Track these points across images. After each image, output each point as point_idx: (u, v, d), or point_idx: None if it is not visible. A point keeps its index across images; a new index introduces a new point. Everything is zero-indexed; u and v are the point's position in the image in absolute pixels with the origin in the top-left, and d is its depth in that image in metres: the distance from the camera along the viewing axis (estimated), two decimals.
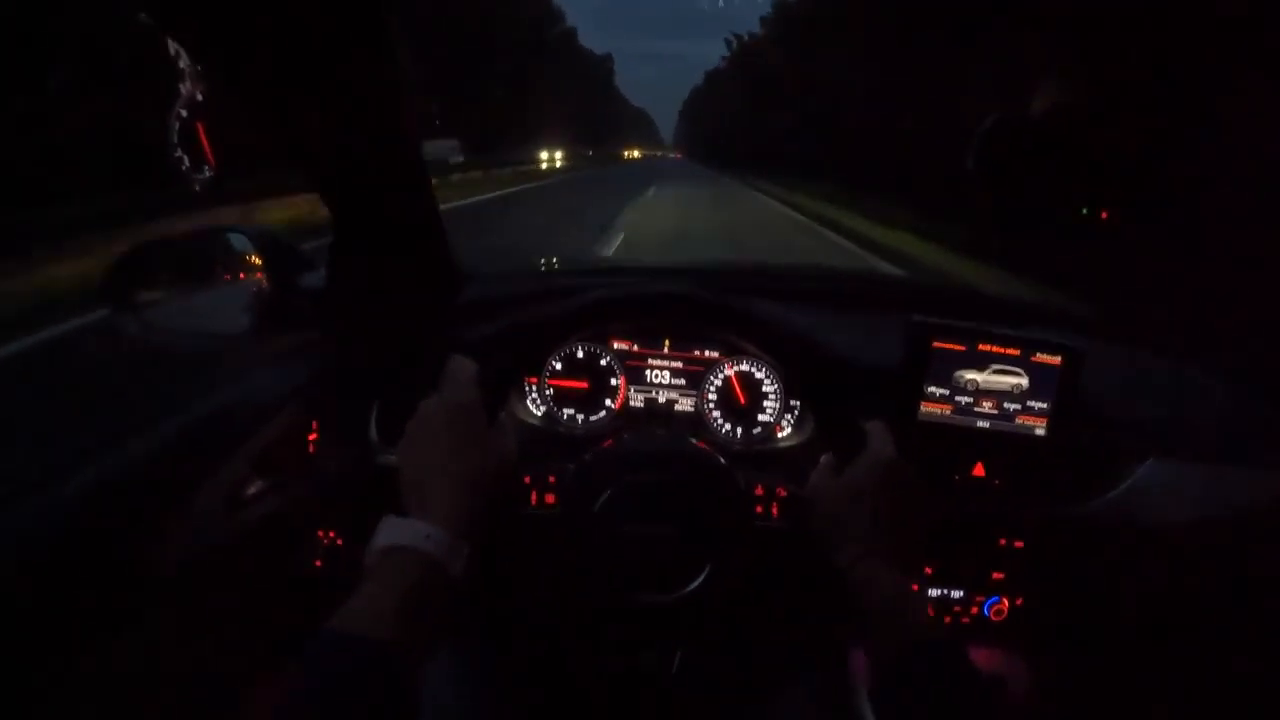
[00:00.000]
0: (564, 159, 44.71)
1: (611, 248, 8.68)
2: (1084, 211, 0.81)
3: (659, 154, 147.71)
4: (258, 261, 0.96)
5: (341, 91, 0.75)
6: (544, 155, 40.48)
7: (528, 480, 0.81)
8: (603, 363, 0.98)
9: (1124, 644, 0.98)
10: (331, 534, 0.93)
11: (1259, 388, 1.02)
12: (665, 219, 12.43)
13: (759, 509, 0.82)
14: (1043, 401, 0.88)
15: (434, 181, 0.94)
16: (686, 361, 0.99)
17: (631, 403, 1.00)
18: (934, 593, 0.95)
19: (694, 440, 0.82)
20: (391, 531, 0.57)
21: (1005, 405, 0.89)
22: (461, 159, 28.59)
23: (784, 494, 0.82)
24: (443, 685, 0.86)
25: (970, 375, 0.88)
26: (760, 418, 0.99)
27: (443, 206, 0.98)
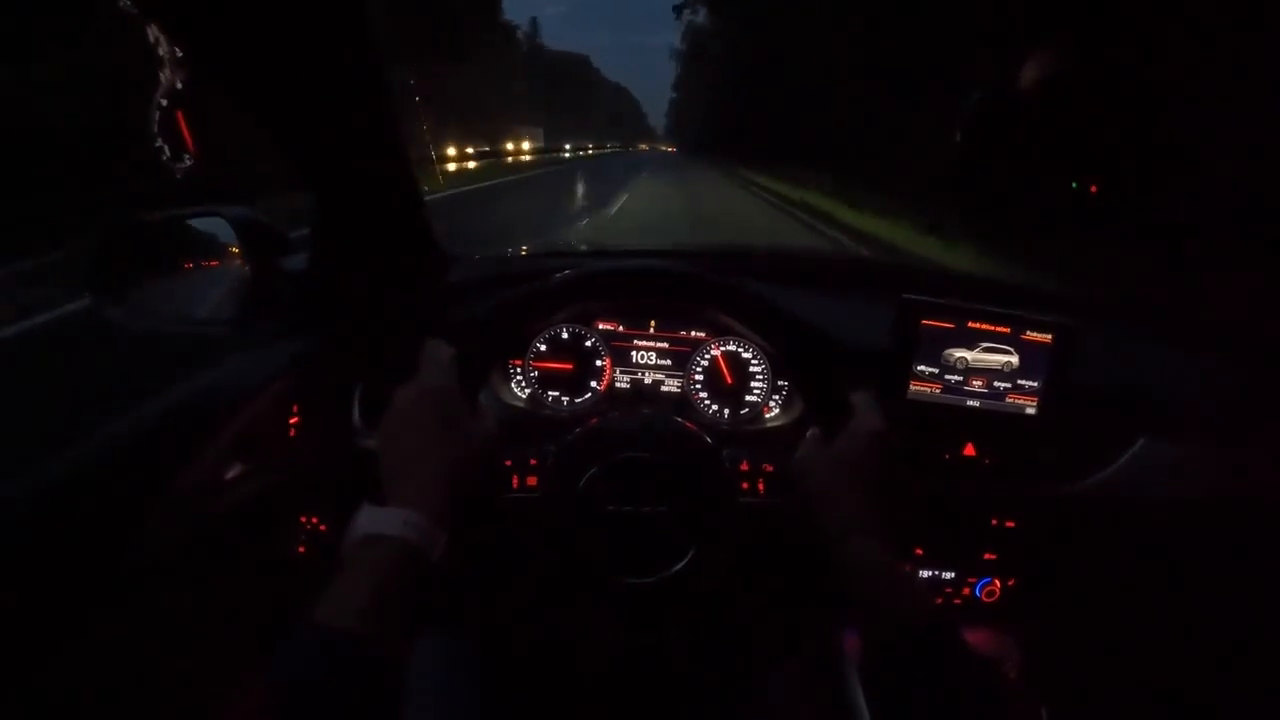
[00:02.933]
0: None
1: None
2: (1073, 185, 0.81)
3: (645, 147, 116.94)
4: (238, 247, 0.95)
5: (323, 77, 0.74)
6: None
7: (509, 464, 0.80)
8: (587, 344, 0.97)
9: (1116, 624, 0.97)
10: (314, 519, 0.92)
11: (1251, 367, 1.01)
12: None
13: (745, 485, 0.81)
14: (1033, 380, 0.87)
15: None
16: (672, 342, 0.98)
17: (617, 384, 0.99)
18: (925, 574, 0.95)
19: (678, 419, 0.81)
20: (369, 519, 0.56)
21: (995, 384, 0.88)
22: None
23: (770, 469, 0.81)
24: (429, 672, 0.85)
25: (960, 353, 0.87)
26: (748, 398, 0.98)
27: None
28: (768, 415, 0.98)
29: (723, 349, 0.97)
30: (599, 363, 0.98)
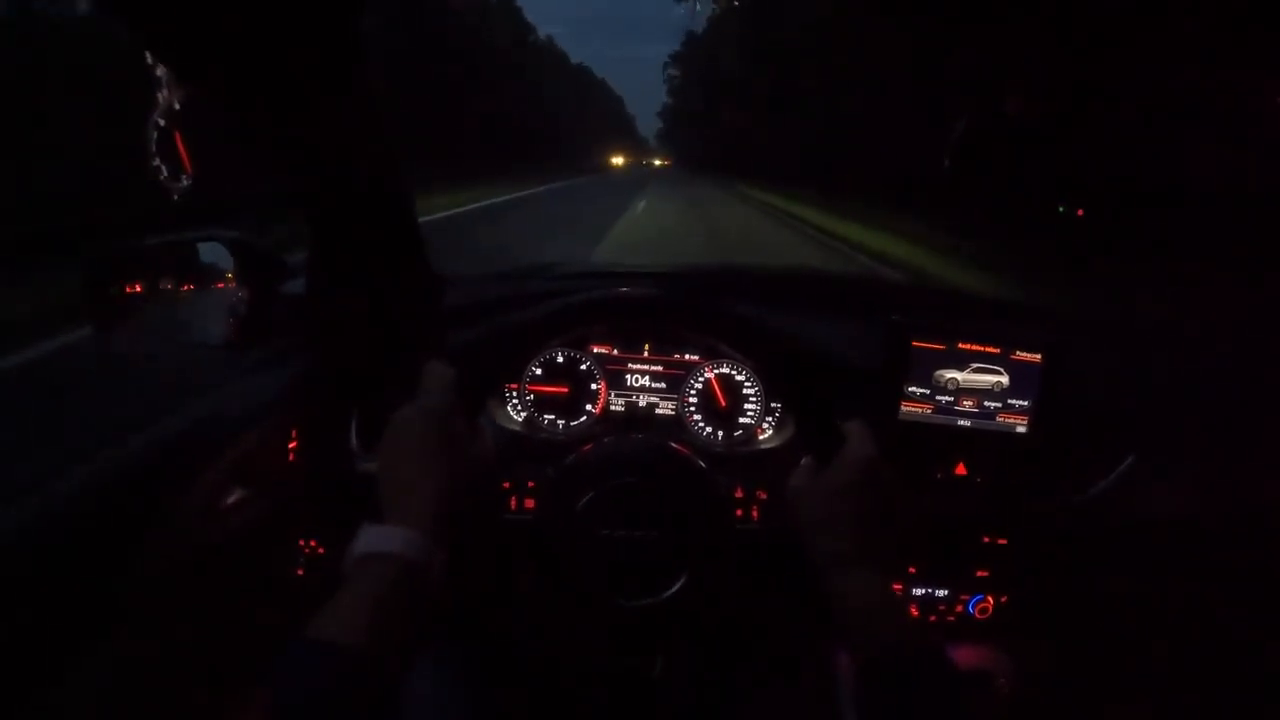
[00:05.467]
0: None
1: None
2: (1060, 209, 0.82)
3: (644, 161, 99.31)
4: (235, 272, 0.96)
5: (316, 103, 0.75)
6: None
7: (506, 486, 0.81)
8: (583, 367, 0.98)
9: (1108, 640, 0.98)
10: (313, 542, 0.92)
11: (1238, 385, 1.02)
12: None
13: (739, 512, 0.82)
14: (1024, 399, 0.89)
15: None
16: (667, 365, 0.99)
17: (612, 407, 1.00)
18: (918, 591, 0.95)
19: (673, 443, 0.82)
20: (369, 538, 0.57)
21: (986, 403, 0.89)
22: None
23: (764, 496, 0.82)
24: (424, 692, 0.86)
25: (950, 374, 0.88)
26: (741, 420, 0.99)
27: None
28: (761, 437, 0.99)
29: (716, 371, 0.98)
30: (594, 386, 0.99)
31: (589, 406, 0.99)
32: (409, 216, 0.97)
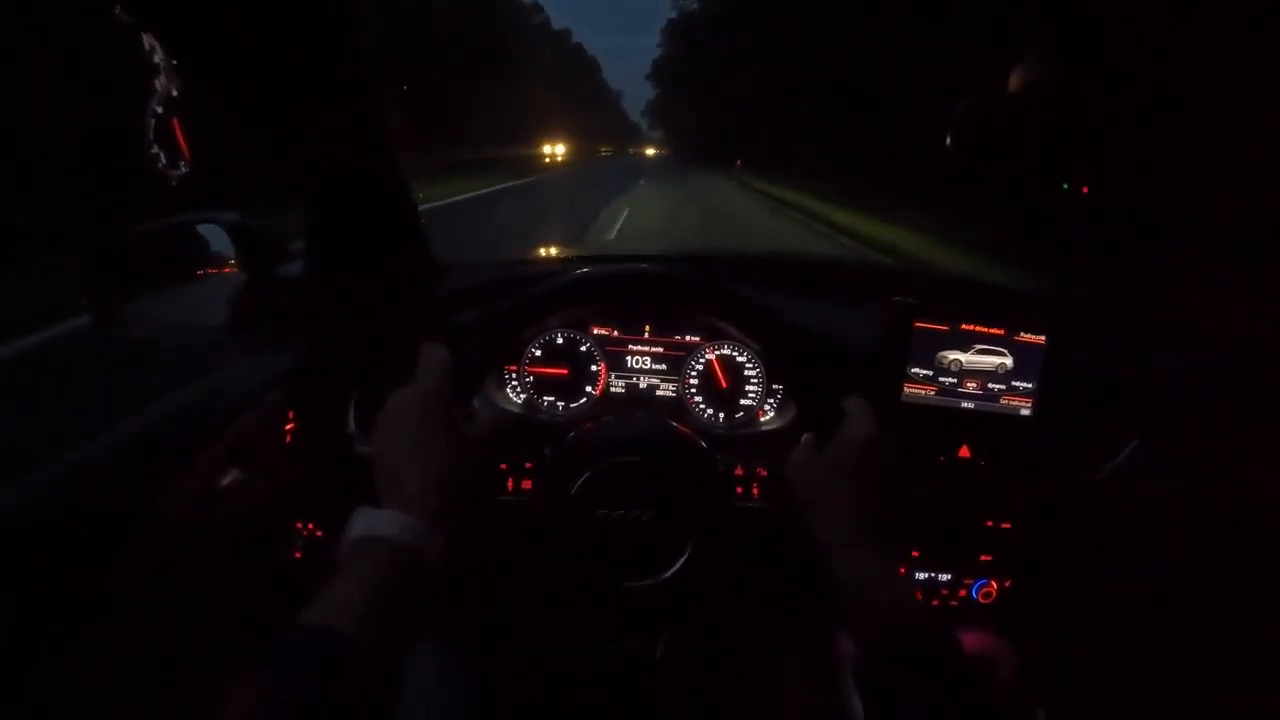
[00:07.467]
0: None
1: None
2: (1064, 187, 0.81)
3: (631, 150, 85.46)
4: (233, 255, 0.95)
5: (313, 88, 0.75)
6: None
7: (504, 467, 0.81)
8: (583, 349, 0.98)
9: (1111, 624, 0.97)
10: (310, 525, 0.92)
11: (1244, 368, 1.01)
12: None
13: (739, 490, 0.81)
14: (1027, 381, 0.88)
15: None
16: (667, 346, 0.99)
17: (612, 389, 0.99)
18: (921, 575, 0.95)
19: (672, 423, 0.81)
20: (365, 522, 0.57)
21: (989, 385, 0.88)
22: None
23: (764, 474, 0.82)
24: (425, 674, 0.85)
25: (953, 355, 0.88)
26: (742, 401, 0.98)
27: None
28: (762, 419, 0.98)
29: (717, 353, 0.97)
30: (594, 368, 0.98)
31: (589, 388, 0.99)
32: (406, 200, 0.97)
